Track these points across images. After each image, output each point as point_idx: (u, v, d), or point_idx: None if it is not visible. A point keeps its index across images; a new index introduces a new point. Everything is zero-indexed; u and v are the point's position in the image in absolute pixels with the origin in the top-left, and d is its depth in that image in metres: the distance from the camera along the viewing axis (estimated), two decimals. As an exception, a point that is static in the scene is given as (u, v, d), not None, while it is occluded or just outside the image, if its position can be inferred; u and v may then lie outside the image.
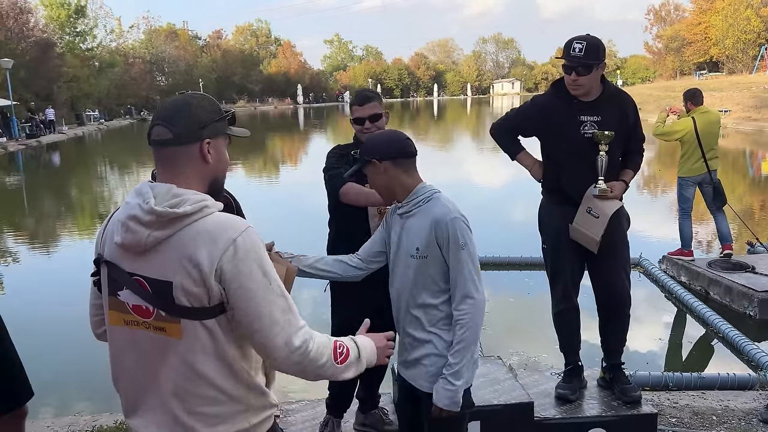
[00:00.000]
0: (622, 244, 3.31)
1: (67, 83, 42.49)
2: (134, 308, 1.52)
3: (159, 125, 1.55)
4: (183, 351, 1.49)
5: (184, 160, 1.54)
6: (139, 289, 1.50)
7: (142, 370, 1.55)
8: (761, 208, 11.27)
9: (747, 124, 27.93)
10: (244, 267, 1.46)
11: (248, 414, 1.56)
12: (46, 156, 27.01)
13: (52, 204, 15.00)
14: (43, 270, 8.56)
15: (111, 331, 1.61)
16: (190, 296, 1.45)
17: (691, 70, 57.10)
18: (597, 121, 3.15)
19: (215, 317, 1.48)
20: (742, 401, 3.91)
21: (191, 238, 1.46)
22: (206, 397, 1.51)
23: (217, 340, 1.49)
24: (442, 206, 2.20)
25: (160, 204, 1.46)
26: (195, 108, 1.56)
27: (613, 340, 3.44)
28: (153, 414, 1.54)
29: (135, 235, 1.47)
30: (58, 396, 4.70)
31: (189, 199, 1.48)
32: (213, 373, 1.50)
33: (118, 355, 1.60)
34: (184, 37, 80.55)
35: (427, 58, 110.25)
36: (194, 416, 1.51)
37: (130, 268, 1.51)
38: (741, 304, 5.82)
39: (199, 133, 1.54)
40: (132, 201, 1.50)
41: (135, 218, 1.47)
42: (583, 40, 3.07)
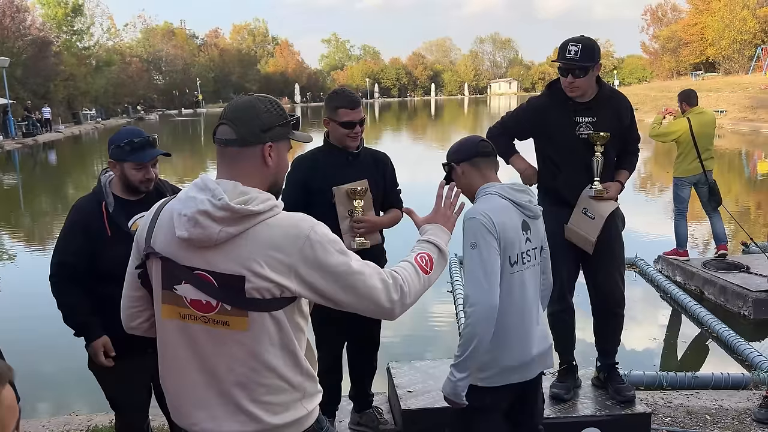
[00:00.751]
0: (617, 244, 3.32)
1: (63, 82, 42.38)
2: (192, 302, 1.54)
3: (224, 124, 1.59)
4: (249, 342, 1.52)
5: (247, 161, 1.57)
6: (202, 283, 1.52)
7: (198, 365, 1.56)
8: (757, 208, 11.31)
9: (743, 125, 27.99)
10: (322, 255, 1.52)
11: (305, 401, 1.62)
12: (43, 155, 26.94)
13: (49, 203, 14.96)
14: (38, 269, 8.55)
15: (163, 324, 1.62)
16: (262, 289, 1.49)
17: (688, 71, 57.19)
18: (592, 122, 3.16)
19: (283, 308, 1.53)
20: (735, 401, 3.93)
21: (265, 235, 1.50)
22: (270, 386, 1.55)
23: (283, 330, 1.54)
24: (473, 207, 2.27)
25: (231, 200, 1.49)
26: (260, 111, 1.58)
27: (607, 340, 3.46)
28: (213, 407, 1.56)
29: (205, 230, 1.48)
30: (53, 395, 4.70)
31: (257, 197, 1.52)
32: (278, 363, 1.55)
33: (170, 349, 1.62)
34: (182, 36, 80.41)
35: (425, 58, 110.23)
36: (258, 405, 1.55)
37: (192, 262, 1.53)
38: (735, 303, 5.85)
39: (262, 136, 1.57)
40: (198, 196, 1.51)
41: (206, 213, 1.48)
42: (578, 42, 3.08)
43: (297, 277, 1.51)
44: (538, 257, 2.37)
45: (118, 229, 2.43)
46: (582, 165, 3.18)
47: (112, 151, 2.46)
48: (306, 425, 1.63)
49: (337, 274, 1.53)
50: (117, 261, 2.35)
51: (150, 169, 2.48)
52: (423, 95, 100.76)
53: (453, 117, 51.26)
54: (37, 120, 33.16)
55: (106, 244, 2.41)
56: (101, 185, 2.49)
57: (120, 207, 2.46)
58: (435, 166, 2.55)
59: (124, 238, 2.39)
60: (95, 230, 2.42)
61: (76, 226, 2.46)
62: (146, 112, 56.24)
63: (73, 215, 2.49)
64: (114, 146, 2.46)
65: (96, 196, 2.49)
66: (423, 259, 1.70)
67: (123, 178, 2.47)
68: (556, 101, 3.22)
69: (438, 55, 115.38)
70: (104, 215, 2.43)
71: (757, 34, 50.03)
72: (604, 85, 3.25)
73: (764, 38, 49.12)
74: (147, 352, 2.47)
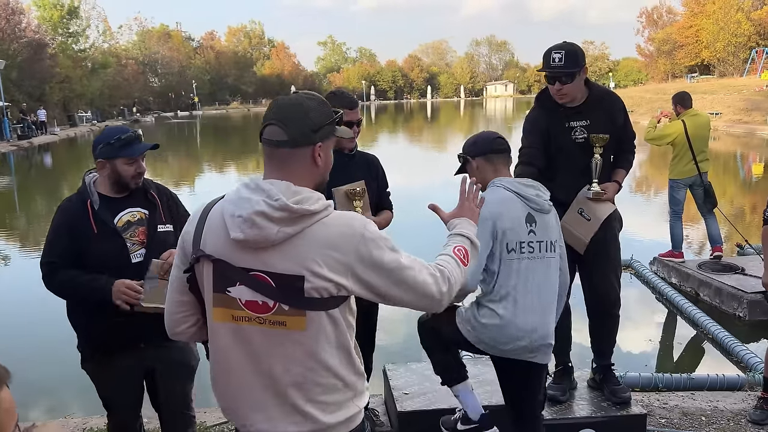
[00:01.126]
0: (613, 246, 3.33)
1: (59, 84, 42.30)
2: (247, 304, 1.53)
3: (273, 125, 1.56)
4: (307, 342, 1.54)
5: (297, 162, 1.57)
6: (259, 284, 1.51)
7: (252, 366, 1.57)
8: (752, 210, 11.34)
9: (738, 127, 28.09)
10: (376, 253, 1.54)
11: (356, 399, 1.64)
12: (38, 157, 26.86)
13: (44, 205, 14.92)
14: (33, 272, 8.52)
15: (215, 328, 1.61)
16: (320, 289, 1.50)
17: (683, 73, 57.35)
18: (586, 125, 3.16)
19: (338, 306, 1.55)
20: (731, 402, 3.94)
21: (322, 234, 1.51)
22: (326, 385, 1.57)
23: (339, 329, 1.57)
24: None
25: (287, 200, 1.49)
26: (310, 111, 1.57)
27: (603, 341, 3.46)
28: (269, 408, 1.57)
29: (262, 231, 1.48)
30: (49, 399, 4.69)
31: (311, 197, 1.53)
32: (335, 361, 1.57)
33: (223, 352, 1.60)
34: (177, 38, 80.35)
35: (421, 60, 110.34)
36: (314, 405, 1.56)
37: (247, 263, 1.52)
38: (730, 305, 5.87)
39: (312, 137, 1.56)
40: (253, 197, 1.50)
41: (263, 214, 1.48)
42: (561, 49, 3.08)
43: (353, 275, 1.53)
44: (546, 251, 2.49)
45: (103, 225, 2.44)
46: (578, 169, 3.19)
47: (101, 150, 2.47)
48: (356, 422, 1.65)
49: (390, 271, 1.55)
50: (103, 257, 2.40)
51: (141, 163, 2.51)
52: (419, 98, 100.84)
53: (449, 119, 51.33)
54: (33, 122, 33.06)
55: (92, 241, 2.42)
56: (86, 185, 2.51)
57: (105, 204, 2.48)
58: (429, 166, 2.57)
59: (110, 234, 2.43)
60: (81, 229, 2.43)
61: (61, 228, 2.47)
62: (142, 115, 56.10)
63: (58, 217, 2.50)
64: (103, 145, 2.47)
65: (80, 196, 2.50)
66: (460, 252, 1.75)
67: (114, 175, 2.48)
68: (548, 110, 3.22)
69: (434, 57, 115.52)
70: (90, 213, 2.44)
71: (752, 36, 50.26)
72: (594, 87, 3.24)
73: (759, 41, 49.32)
74: (139, 346, 2.50)
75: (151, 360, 2.58)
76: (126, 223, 2.49)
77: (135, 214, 2.51)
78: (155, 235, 2.51)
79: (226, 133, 39.38)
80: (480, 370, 3.42)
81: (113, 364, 2.52)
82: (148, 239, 2.49)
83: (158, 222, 2.54)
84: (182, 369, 2.71)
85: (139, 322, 2.42)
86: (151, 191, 2.58)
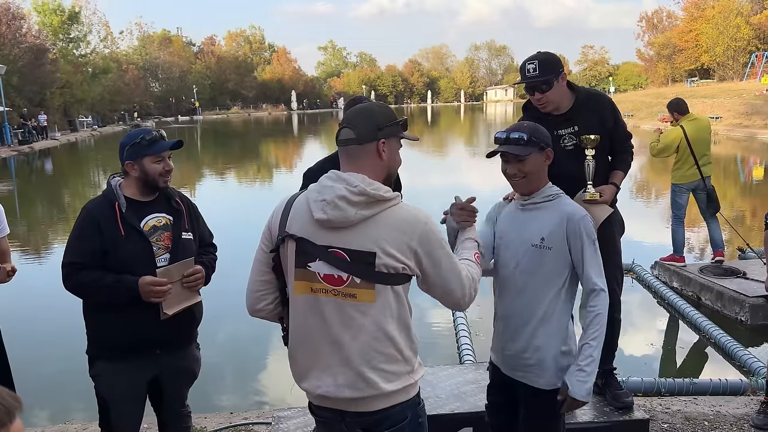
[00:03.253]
0: (613, 250, 3.31)
1: (60, 89, 42.39)
2: (325, 277, 1.78)
3: (345, 128, 1.85)
4: (374, 313, 1.76)
5: (365, 157, 1.82)
6: (336, 259, 1.76)
7: (325, 334, 1.79)
8: (752, 214, 11.33)
9: (738, 131, 28.12)
10: (435, 244, 1.80)
11: (413, 373, 1.85)
12: (39, 162, 26.89)
13: (45, 211, 14.93)
14: (34, 277, 8.52)
15: (295, 300, 1.84)
16: (389, 266, 1.74)
17: (683, 77, 57.41)
18: (574, 132, 3.14)
19: (402, 284, 1.79)
20: (733, 407, 3.93)
21: (393, 218, 1.77)
22: (388, 354, 1.78)
23: (402, 305, 1.80)
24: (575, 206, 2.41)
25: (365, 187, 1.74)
26: (375, 113, 1.86)
27: (604, 346, 3.44)
28: (337, 373, 1.78)
29: (344, 212, 1.74)
30: (51, 404, 4.67)
31: (383, 187, 1.79)
32: (397, 334, 1.79)
33: (300, 321, 1.84)
34: (178, 43, 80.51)
35: (421, 65, 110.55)
36: (376, 372, 1.77)
37: (328, 241, 1.77)
38: (732, 309, 5.85)
39: (376, 134, 1.82)
40: (335, 185, 1.77)
41: (344, 198, 1.74)
42: (535, 59, 3.07)
43: (415, 257, 1.77)
44: None
45: (131, 228, 2.46)
46: (568, 177, 3.16)
47: (129, 150, 2.51)
48: (412, 393, 1.85)
49: (440, 261, 1.80)
50: (130, 260, 2.43)
51: (167, 161, 2.55)
52: (419, 102, 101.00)
53: (450, 123, 51.38)
54: (33, 127, 33.11)
55: (119, 243, 2.44)
56: (111, 188, 2.53)
57: (131, 208, 2.50)
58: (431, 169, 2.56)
59: (137, 237, 2.46)
60: (108, 231, 2.44)
61: (88, 228, 2.47)
62: (143, 120, 56.18)
63: (85, 217, 2.50)
64: (129, 146, 2.51)
65: (107, 198, 2.52)
66: (478, 258, 2.03)
67: (143, 176, 2.51)
68: (534, 120, 3.21)
69: (434, 62, 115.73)
70: (117, 215, 2.46)
71: (751, 40, 50.32)
72: (579, 91, 3.21)
73: (758, 45, 49.40)
74: (155, 352, 2.52)
75: (161, 367, 2.59)
76: (152, 227, 2.52)
77: (161, 219, 2.55)
78: (180, 241, 2.56)
79: (227, 138, 39.40)
80: (481, 375, 3.40)
81: (124, 371, 2.51)
82: (173, 244, 2.53)
83: (182, 229, 2.59)
84: (188, 375, 2.74)
85: (161, 328, 2.46)
86: (176, 198, 2.63)
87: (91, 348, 2.59)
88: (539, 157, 2.30)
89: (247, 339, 5.88)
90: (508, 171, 2.32)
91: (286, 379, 2.01)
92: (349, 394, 1.77)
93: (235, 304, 2.36)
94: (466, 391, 3.37)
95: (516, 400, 2.42)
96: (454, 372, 3.75)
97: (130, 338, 2.47)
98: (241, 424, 3.90)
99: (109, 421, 2.61)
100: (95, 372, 2.58)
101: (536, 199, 2.34)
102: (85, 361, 2.62)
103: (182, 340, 2.65)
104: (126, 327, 2.46)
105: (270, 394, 4.91)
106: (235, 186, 18.06)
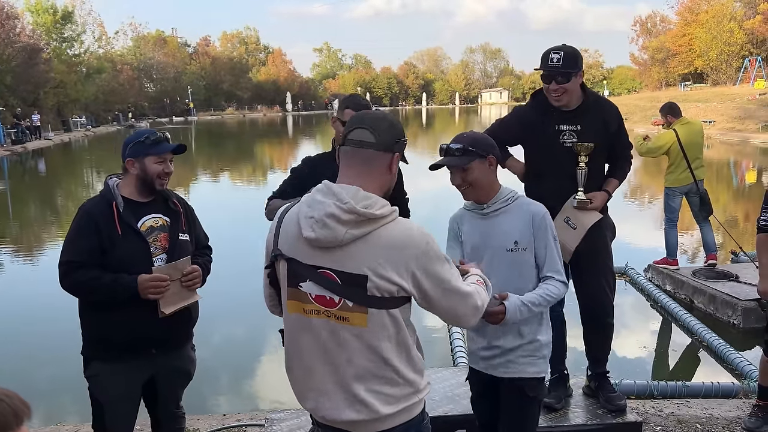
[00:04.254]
0: (605, 254, 3.32)
1: (53, 89, 42.18)
2: (317, 298, 1.68)
3: (362, 128, 1.72)
4: (369, 337, 1.66)
5: (376, 165, 1.72)
6: (327, 281, 1.66)
7: (319, 355, 1.71)
8: (745, 217, 11.39)
9: (731, 135, 28.26)
10: (437, 263, 1.68)
11: (416, 394, 1.75)
12: (32, 162, 26.77)
13: (38, 211, 14.85)
14: (26, 278, 8.47)
15: (288, 319, 1.77)
16: (382, 289, 1.63)
17: (676, 81, 57.69)
18: (577, 130, 3.16)
19: (399, 307, 1.68)
20: (726, 409, 3.94)
21: (387, 238, 1.64)
22: (386, 377, 1.69)
23: (399, 327, 1.69)
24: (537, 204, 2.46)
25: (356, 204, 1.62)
26: (395, 125, 1.76)
27: (597, 349, 3.46)
28: (333, 395, 1.71)
29: (332, 232, 1.62)
30: (45, 407, 4.64)
31: (378, 202, 1.66)
32: (394, 358, 1.69)
33: (295, 342, 1.76)
34: (173, 44, 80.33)
35: (416, 67, 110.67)
36: (374, 394, 1.68)
37: (316, 261, 1.67)
38: (725, 312, 5.88)
39: (395, 146, 1.74)
40: (325, 200, 1.65)
41: (333, 216, 1.62)
42: (560, 50, 3.10)
43: (413, 279, 1.65)
44: None
45: (128, 228, 2.46)
46: (566, 173, 3.19)
47: (132, 148, 2.51)
48: (415, 412, 1.76)
49: (443, 281, 1.69)
50: (127, 259, 2.43)
51: (168, 164, 2.55)
52: (414, 104, 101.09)
53: (444, 125, 51.43)
54: (27, 127, 32.95)
55: (117, 242, 2.44)
56: (109, 188, 2.53)
57: (129, 208, 2.50)
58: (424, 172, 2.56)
59: (135, 237, 2.46)
60: (106, 230, 2.44)
61: (86, 228, 2.46)
62: (137, 120, 56.03)
63: (83, 216, 2.49)
64: (133, 143, 2.52)
65: (104, 198, 2.52)
66: (480, 282, 1.90)
67: (141, 174, 2.51)
68: (540, 110, 3.23)
69: (429, 64, 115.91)
70: (115, 214, 2.46)
71: (744, 45, 50.65)
72: (589, 93, 3.25)
73: (751, 50, 49.71)
74: (151, 352, 2.52)
75: (156, 367, 2.58)
76: (149, 228, 2.52)
77: (158, 220, 2.55)
78: (177, 242, 2.56)
79: (221, 139, 39.33)
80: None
81: (120, 371, 2.50)
82: (170, 245, 2.54)
83: (179, 230, 2.59)
84: (183, 376, 2.73)
85: (157, 327, 2.46)
86: (173, 199, 2.63)
87: (86, 348, 2.58)
88: (482, 165, 2.35)
89: (241, 340, 5.86)
90: (453, 182, 2.39)
91: (280, 381, 2.00)
92: (348, 417, 1.70)
93: (229, 305, 2.36)
94: (460, 394, 3.37)
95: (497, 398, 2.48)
96: (447, 374, 3.76)
97: (126, 337, 2.47)
98: (234, 426, 3.89)
99: (103, 422, 2.59)
100: (90, 373, 2.56)
101: (497, 204, 2.39)
102: (77, 363, 2.60)
103: (178, 340, 2.65)
104: (123, 326, 2.45)
105: (263, 395, 4.90)
106: (229, 186, 18.03)
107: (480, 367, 2.49)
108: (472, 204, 2.44)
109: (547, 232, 2.37)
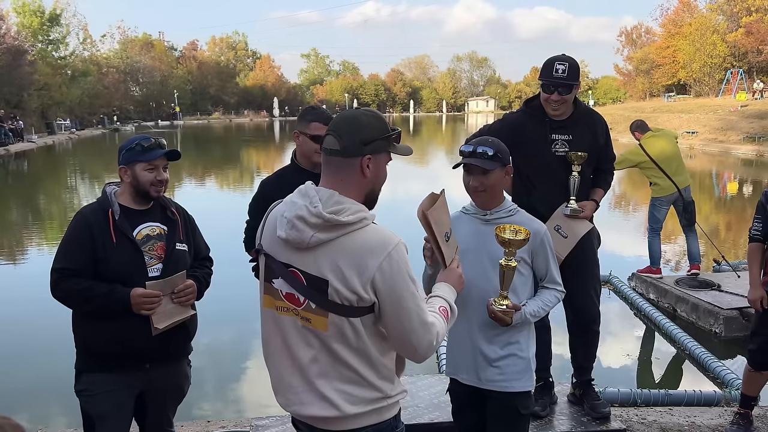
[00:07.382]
0: (592, 262, 3.35)
1: (38, 91, 41.73)
2: (287, 296, 1.72)
3: (330, 134, 1.72)
4: (328, 341, 1.67)
5: (347, 171, 1.69)
6: (294, 280, 1.68)
7: (287, 352, 1.74)
8: (727, 227, 11.54)
9: (713, 146, 28.63)
10: (397, 277, 1.63)
11: (385, 399, 1.74)
12: (15, 165, 26.43)
13: (19, 215, 14.66)
14: (10, 284, 8.35)
15: (264, 313, 1.81)
16: (342, 296, 1.62)
17: (660, 92, 58.32)
18: (568, 140, 3.19)
19: (360, 317, 1.65)
20: (708, 417, 3.98)
21: (352, 245, 1.63)
22: (350, 378, 1.69)
23: (360, 337, 1.66)
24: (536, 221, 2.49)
25: (324, 209, 1.63)
26: (363, 125, 1.70)
27: (582, 357, 3.48)
28: (300, 392, 1.73)
29: (300, 234, 1.65)
30: (29, 411, 4.57)
31: (350, 209, 1.65)
32: (356, 363, 1.68)
33: (268, 335, 1.80)
34: (160, 47, 79.94)
35: (403, 75, 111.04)
36: (338, 393, 1.69)
37: (287, 260, 1.70)
38: (707, 321, 5.94)
39: (362, 148, 1.68)
40: (299, 201, 1.68)
41: (302, 218, 1.65)
42: (565, 61, 3.13)
43: (373, 288, 1.62)
44: None
45: (123, 236, 2.42)
46: (557, 182, 3.21)
47: (124, 155, 2.48)
48: (386, 416, 1.74)
49: (401, 299, 1.62)
50: (121, 268, 2.38)
51: (161, 171, 2.50)
52: (402, 111, 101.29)
53: (431, 133, 51.61)
54: (10, 129, 32.55)
55: (111, 251, 2.39)
56: (107, 195, 2.49)
57: (125, 216, 2.46)
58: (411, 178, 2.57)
59: (129, 246, 2.42)
60: (100, 237, 2.40)
61: (80, 235, 2.42)
62: (122, 123, 55.62)
63: (78, 224, 2.45)
64: (125, 150, 2.49)
65: (101, 205, 2.48)
66: (444, 312, 1.79)
67: (134, 182, 2.47)
68: (533, 118, 3.26)
69: (416, 71, 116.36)
70: (110, 222, 2.42)
71: (727, 58, 51.34)
72: (580, 104, 3.30)
73: (733, 62, 50.42)
74: (144, 366, 2.46)
75: (148, 383, 2.52)
76: (145, 236, 2.47)
77: (154, 229, 2.50)
78: (173, 252, 2.50)
79: (207, 144, 39.12)
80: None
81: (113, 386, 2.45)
82: (166, 255, 2.48)
83: (176, 239, 2.53)
84: (176, 393, 2.67)
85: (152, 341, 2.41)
86: (172, 208, 2.58)
87: (79, 361, 2.51)
88: (501, 173, 2.39)
89: (227, 347, 5.82)
90: (471, 183, 2.40)
91: (265, 388, 1.99)
92: (315, 413, 1.71)
93: (216, 310, 2.34)
94: (446, 401, 3.36)
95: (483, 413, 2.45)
96: (433, 381, 3.76)
97: (120, 349, 2.40)
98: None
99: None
100: (82, 387, 2.49)
101: (501, 213, 2.42)
102: (65, 372, 2.54)
103: (174, 355, 2.58)
104: (117, 338, 2.39)
105: (248, 402, 4.86)
106: (216, 191, 17.92)
107: (462, 379, 2.46)
108: (474, 208, 2.45)
109: (547, 249, 2.43)
